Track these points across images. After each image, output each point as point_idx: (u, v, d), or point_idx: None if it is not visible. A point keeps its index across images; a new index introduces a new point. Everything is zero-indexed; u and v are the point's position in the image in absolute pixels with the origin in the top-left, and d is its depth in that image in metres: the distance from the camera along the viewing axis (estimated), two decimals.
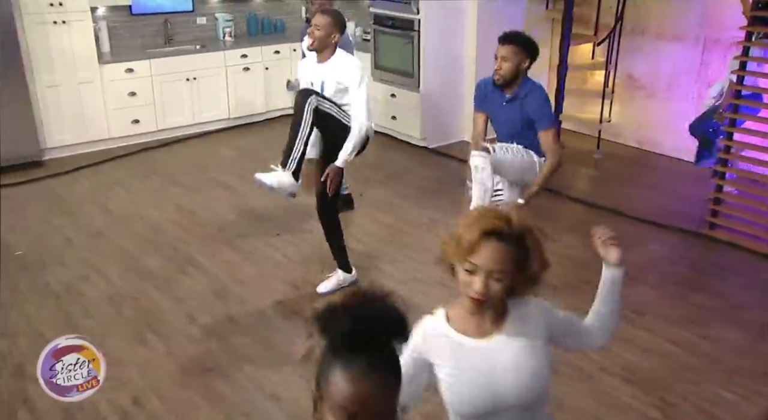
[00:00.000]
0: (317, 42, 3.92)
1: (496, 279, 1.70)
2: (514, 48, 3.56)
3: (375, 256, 4.74)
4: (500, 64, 3.61)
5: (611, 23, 6.78)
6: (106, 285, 4.37)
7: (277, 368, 3.56)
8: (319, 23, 3.91)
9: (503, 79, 3.61)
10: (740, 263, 4.70)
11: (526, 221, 1.77)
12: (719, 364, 3.61)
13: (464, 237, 1.70)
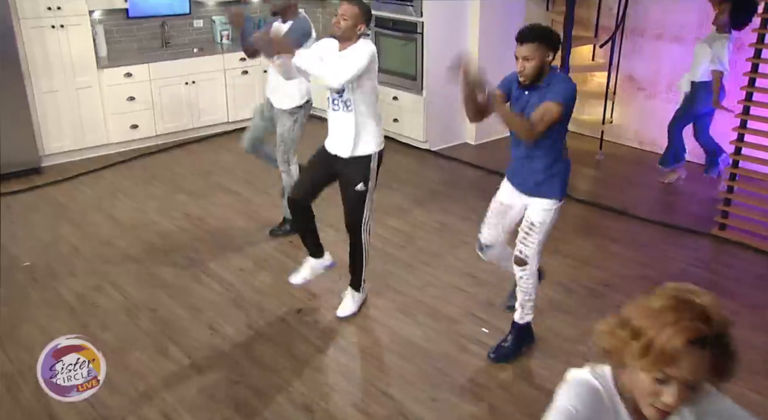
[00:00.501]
0: (342, 31, 3.67)
1: (692, 387, 1.46)
2: (535, 45, 3.22)
3: (390, 262, 4.71)
4: (522, 64, 3.27)
5: (610, 25, 6.83)
6: (120, 295, 4.30)
7: (305, 379, 3.53)
8: (345, 12, 3.65)
9: (528, 79, 3.29)
10: (753, 264, 4.74)
11: (722, 314, 1.48)
12: (746, 365, 3.62)
13: (659, 342, 1.42)
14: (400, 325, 3.99)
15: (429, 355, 3.72)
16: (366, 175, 3.83)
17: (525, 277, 3.53)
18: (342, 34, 3.69)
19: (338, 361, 3.69)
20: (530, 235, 3.45)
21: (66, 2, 6.12)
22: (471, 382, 3.51)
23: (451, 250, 4.90)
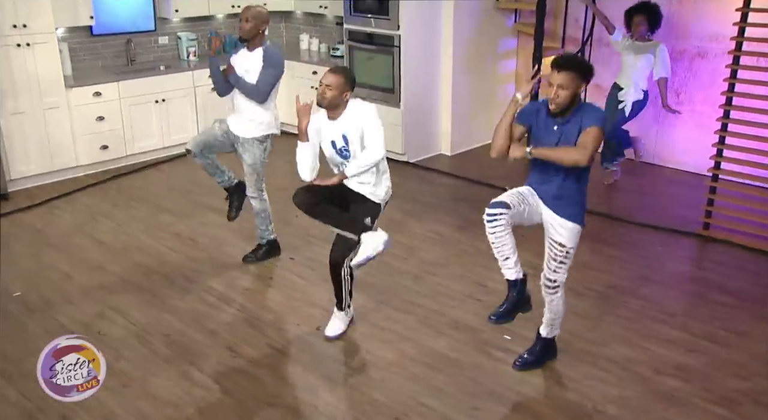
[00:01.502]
0: (328, 101, 3.66)
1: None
2: (572, 74, 3.20)
3: (397, 274, 4.70)
4: (557, 92, 3.21)
5: (577, 36, 7.05)
6: (126, 321, 4.13)
7: (341, 396, 3.47)
8: (331, 83, 3.63)
9: (560, 107, 3.25)
10: (738, 259, 4.96)
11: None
12: (758, 358, 3.79)
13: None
14: (424, 336, 3.98)
15: (458, 364, 3.73)
16: (375, 214, 3.85)
17: (556, 300, 3.54)
18: (329, 105, 3.67)
19: (369, 376, 3.65)
20: (565, 263, 3.45)
21: (32, 20, 5.87)
22: (508, 390, 3.53)
23: (454, 259, 4.93)
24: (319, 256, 4.68)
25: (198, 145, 4.56)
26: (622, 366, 3.70)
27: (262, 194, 4.72)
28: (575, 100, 3.28)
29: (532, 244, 3.92)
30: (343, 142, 3.74)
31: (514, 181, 6.43)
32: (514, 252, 3.35)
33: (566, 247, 3.43)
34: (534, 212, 3.47)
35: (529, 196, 3.45)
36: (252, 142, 4.55)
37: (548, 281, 3.50)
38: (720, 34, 6.15)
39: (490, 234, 3.31)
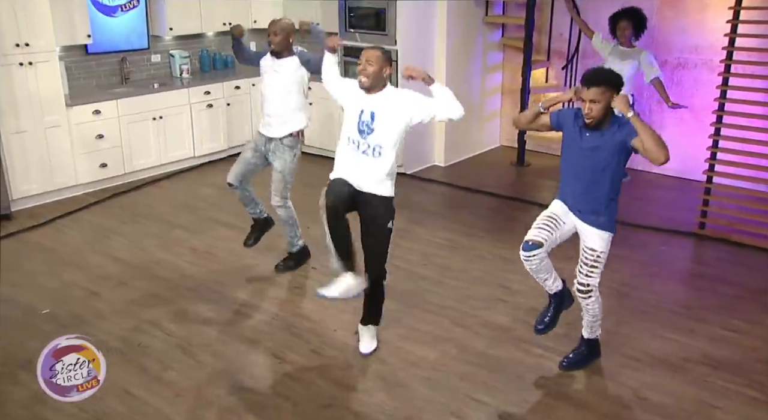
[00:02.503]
0: (371, 78, 3.58)
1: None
2: (603, 88, 3.31)
3: (419, 280, 4.83)
4: (590, 107, 3.32)
5: (561, 49, 7.36)
6: (164, 334, 4.14)
7: (395, 395, 3.57)
8: (371, 57, 3.60)
9: (595, 121, 3.35)
10: (735, 255, 5.27)
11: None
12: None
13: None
14: (460, 336, 4.11)
15: (499, 361, 3.87)
16: (391, 214, 3.77)
17: (591, 304, 3.66)
18: (371, 81, 3.60)
19: (417, 375, 3.75)
20: (596, 267, 3.57)
21: (34, 39, 5.84)
22: (551, 382, 3.70)
23: (471, 264, 5.09)
24: None
25: (237, 177, 4.76)
26: (652, 356, 3.91)
27: (287, 202, 4.80)
28: (609, 112, 3.39)
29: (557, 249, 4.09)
30: (369, 117, 3.61)
31: (506, 189, 6.76)
32: (551, 272, 3.62)
33: (598, 251, 3.56)
34: (568, 231, 3.63)
35: (561, 217, 3.60)
36: (284, 148, 4.69)
37: (582, 286, 3.62)
38: (700, 45, 6.56)
39: (528, 268, 3.60)
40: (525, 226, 5.47)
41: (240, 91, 7.55)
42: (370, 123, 3.63)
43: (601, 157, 3.43)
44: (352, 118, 3.68)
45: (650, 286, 4.75)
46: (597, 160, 3.44)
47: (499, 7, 7.57)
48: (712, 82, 6.30)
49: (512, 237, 5.51)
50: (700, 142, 6.11)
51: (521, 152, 7.49)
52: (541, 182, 7.08)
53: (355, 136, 3.66)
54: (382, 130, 3.60)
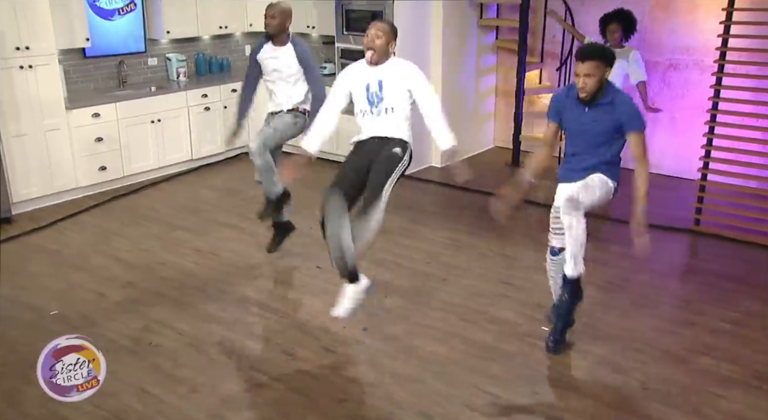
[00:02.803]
0: (378, 50, 3.82)
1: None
2: (596, 62, 3.53)
3: (424, 277, 4.90)
4: (584, 81, 3.55)
5: (555, 51, 7.48)
6: (175, 333, 4.17)
7: (408, 389, 3.63)
8: (379, 30, 3.82)
9: (590, 94, 3.59)
10: (729, 250, 5.38)
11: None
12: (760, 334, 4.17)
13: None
14: (468, 332, 4.18)
15: (507, 354, 3.95)
16: (404, 147, 3.95)
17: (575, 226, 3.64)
18: (379, 54, 3.83)
19: (428, 369, 3.81)
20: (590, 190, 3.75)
21: (34, 42, 5.85)
22: (559, 374, 3.78)
23: (474, 262, 5.17)
24: None
25: (258, 145, 4.78)
26: (655, 348, 4.01)
27: (266, 153, 4.78)
28: (603, 84, 3.64)
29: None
30: (377, 88, 3.85)
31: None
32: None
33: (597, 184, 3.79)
34: None
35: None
36: (287, 114, 4.87)
37: (573, 201, 3.65)
38: (690, 46, 6.70)
39: (554, 270, 3.97)
40: (524, 225, 5.63)
41: (237, 93, 7.57)
42: (378, 92, 3.87)
43: (602, 122, 3.69)
44: (361, 94, 3.92)
45: (650, 281, 4.85)
46: (600, 122, 3.69)
47: (493, 10, 7.68)
48: (703, 82, 6.47)
49: (512, 235, 5.68)
50: (692, 142, 6.27)
51: (516, 153, 7.59)
52: (546, 184, 7.16)
53: (366, 107, 3.92)
54: (391, 94, 3.86)
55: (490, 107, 8.14)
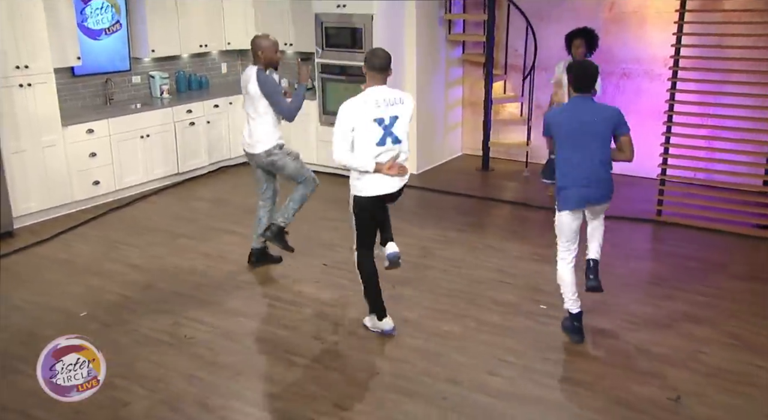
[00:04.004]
0: None
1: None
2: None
3: (425, 269, 5.31)
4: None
5: (517, 64, 8.08)
6: (207, 327, 4.46)
7: (433, 361, 4.02)
8: None
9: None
10: (689, 236, 6.01)
11: None
12: (742, 303, 4.75)
13: None
14: (476, 313, 4.62)
15: (514, 330, 4.40)
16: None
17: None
18: None
19: (447, 345, 4.22)
20: None
21: (33, 61, 6.05)
22: (562, 342, 4.25)
23: (467, 254, 5.62)
24: (352, 263, 5.24)
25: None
26: (644, 319, 4.54)
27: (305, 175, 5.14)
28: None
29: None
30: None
31: (477, 191, 7.36)
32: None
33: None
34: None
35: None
36: (262, 157, 5.07)
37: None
38: (641, 57, 7.40)
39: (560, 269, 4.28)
40: (503, 220, 6.15)
41: (218, 109, 7.89)
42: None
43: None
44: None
45: (626, 264, 5.40)
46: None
47: (460, 26, 8.23)
48: (653, 89, 7.17)
49: (494, 230, 6.19)
50: (647, 143, 6.89)
51: (486, 158, 8.12)
52: (505, 183, 7.72)
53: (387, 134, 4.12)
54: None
55: (458, 117, 8.67)
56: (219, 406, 3.62)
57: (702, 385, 3.78)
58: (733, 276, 5.20)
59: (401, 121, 4.08)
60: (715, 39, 6.20)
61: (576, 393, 3.75)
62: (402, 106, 4.08)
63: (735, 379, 3.84)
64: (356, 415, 3.54)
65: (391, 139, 4.03)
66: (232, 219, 6.44)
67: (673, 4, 6.21)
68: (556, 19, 7.61)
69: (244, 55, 8.77)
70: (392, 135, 4.03)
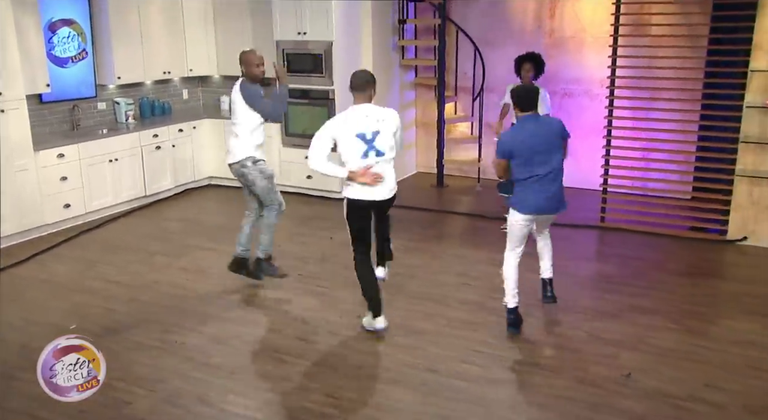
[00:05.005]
0: None
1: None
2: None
3: (395, 275, 5.65)
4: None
5: (466, 86, 8.63)
6: (196, 333, 4.73)
7: (413, 354, 4.40)
8: None
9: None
10: (629, 239, 6.58)
11: None
12: (682, 294, 5.31)
13: None
14: (445, 311, 5.03)
15: (482, 325, 4.82)
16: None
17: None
18: None
19: (424, 339, 4.59)
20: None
21: (6, 88, 6.24)
22: (529, 333, 4.69)
23: (431, 261, 6.05)
24: (324, 273, 5.63)
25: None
26: (594, 310, 5.03)
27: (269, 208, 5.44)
28: None
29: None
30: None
31: (434, 205, 7.83)
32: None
33: None
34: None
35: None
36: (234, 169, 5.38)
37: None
38: (580, 78, 8.04)
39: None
40: (460, 231, 6.62)
41: (183, 133, 8.16)
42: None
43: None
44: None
45: (577, 265, 5.91)
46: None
47: (412, 52, 8.76)
48: (593, 107, 7.81)
49: (453, 239, 6.67)
50: (590, 157, 7.51)
51: (440, 175, 8.61)
52: (460, 198, 8.21)
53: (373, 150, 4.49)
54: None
55: (412, 137, 9.15)
56: (218, 400, 3.91)
57: (649, 363, 4.27)
58: (670, 272, 5.78)
59: (383, 136, 4.45)
60: (646, 61, 6.85)
61: (542, 375, 4.18)
62: (384, 122, 4.47)
63: (677, 357, 4.35)
64: (347, 403, 3.88)
65: (374, 153, 4.41)
66: (205, 236, 6.70)
67: (607, 29, 6.85)
68: (502, 44, 8.21)
69: (205, 82, 9.07)
70: (374, 148, 4.41)
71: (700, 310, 5.04)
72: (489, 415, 3.76)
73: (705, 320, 4.89)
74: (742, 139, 6.17)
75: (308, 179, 7.94)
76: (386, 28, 8.24)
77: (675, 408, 3.79)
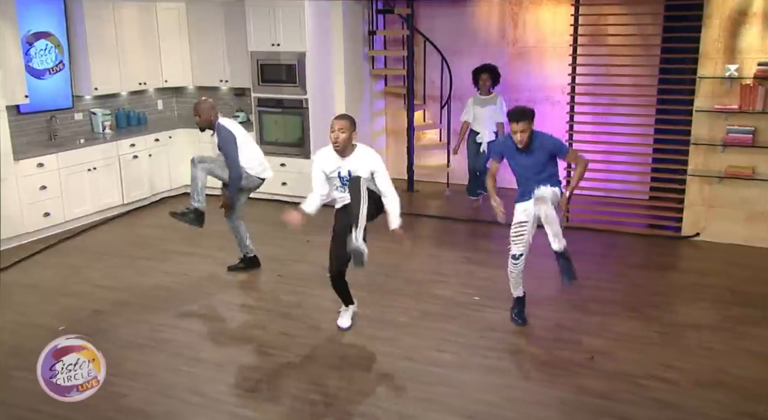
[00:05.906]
0: (343, 143, 4.50)
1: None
2: (528, 121, 4.59)
3: (373, 275, 5.91)
4: (521, 136, 4.61)
5: (434, 94, 8.97)
6: (183, 331, 4.94)
7: (392, 344, 4.67)
8: (342, 127, 4.51)
9: (525, 144, 4.66)
10: (591, 237, 6.96)
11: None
12: (641, 285, 5.69)
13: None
14: (419, 305, 5.32)
15: (455, 317, 5.12)
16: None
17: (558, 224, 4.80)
18: (344, 146, 4.52)
19: (400, 331, 4.86)
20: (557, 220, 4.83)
21: None
22: (500, 324, 4.99)
23: (406, 260, 6.34)
24: (303, 273, 5.87)
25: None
26: (561, 301, 5.38)
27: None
28: (531, 134, 4.72)
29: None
30: (347, 174, 4.67)
31: (405, 209, 8.06)
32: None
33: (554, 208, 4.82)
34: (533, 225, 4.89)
35: (526, 220, 4.86)
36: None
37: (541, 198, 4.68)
38: (542, 85, 8.44)
39: (517, 271, 4.95)
40: (432, 232, 6.92)
41: (159, 142, 8.34)
42: (348, 176, 4.63)
43: (539, 158, 4.77)
44: (335, 176, 4.72)
45: (543, 262, 6.19)
46: (538, 158, 4.77)
47: (381, 62, 9.08)
48: (555, 113, 8.18)
49: (425, 240, 6.97)
50: None
51: (411, 181, 8.92)
52: (430, 202, 8.53)
53: (338, 185, 4.76)
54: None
55: (382, 144, 9.45)
56: (210, 390, 4.13)
57: (610, 347, 4.61)
58: (630, 266, 6.16)
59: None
60: (603, 69, 7.25)
61: (512, 359, 4.50)
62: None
63: (635, 341, 4.70)
64: (333, 390, 4.14)
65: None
66: (185, 242, 6.88)
67: (567, 39, 7.25)
68: (468, 53, 8.57)
69: (180, 93, 9.26)
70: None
71: (658, 300, 5.41)
72: (464, 396, 4.05)
73: (661, 308, 5.26)
74: (693, 142, 6.60)
75: (283, 186, 8.19)
76: (357, 39, 8.54)
77: (634, 385, 4.13)
